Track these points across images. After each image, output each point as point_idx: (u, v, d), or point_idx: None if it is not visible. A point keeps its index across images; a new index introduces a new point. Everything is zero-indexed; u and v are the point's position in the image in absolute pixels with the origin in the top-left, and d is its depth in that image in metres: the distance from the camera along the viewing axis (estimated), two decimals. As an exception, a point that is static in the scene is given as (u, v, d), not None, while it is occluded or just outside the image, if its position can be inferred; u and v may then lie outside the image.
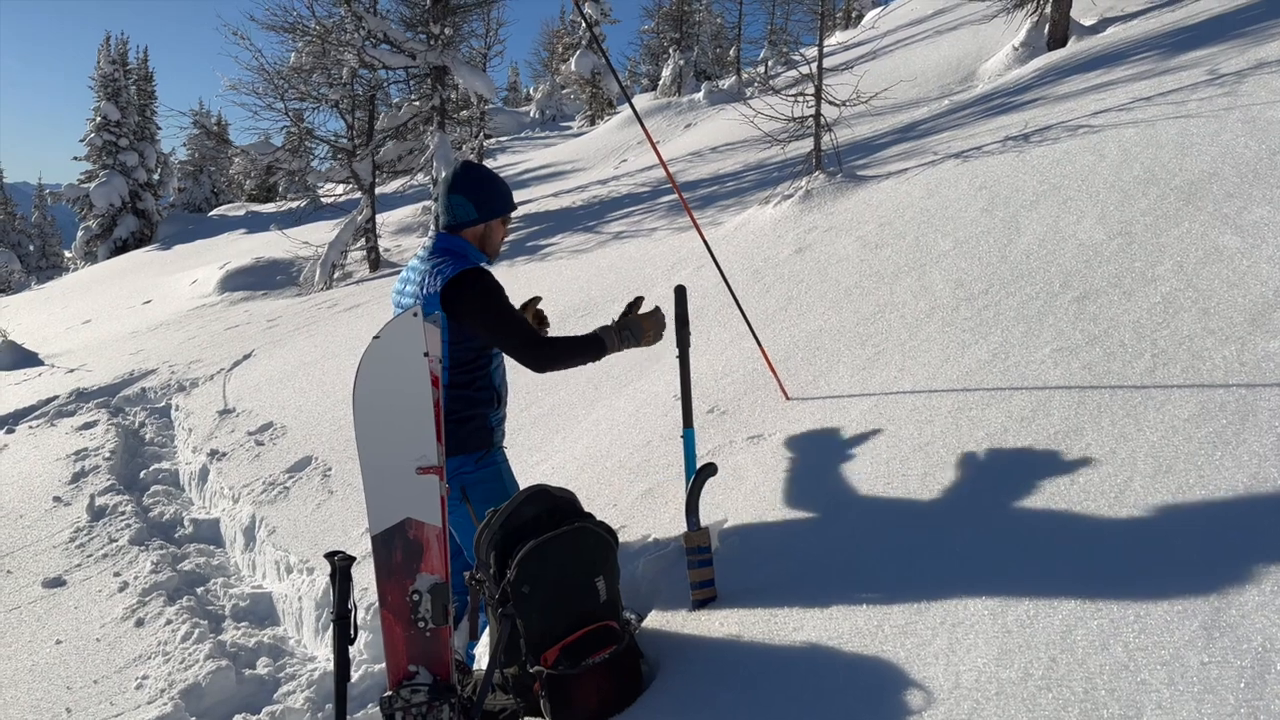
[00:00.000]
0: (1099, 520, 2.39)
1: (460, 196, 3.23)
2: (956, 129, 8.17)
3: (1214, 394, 2.73)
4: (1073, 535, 2.38)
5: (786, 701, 2.24)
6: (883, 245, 5.35)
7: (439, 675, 2.52)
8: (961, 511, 2.70)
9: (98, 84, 34.74)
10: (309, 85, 16.35)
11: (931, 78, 12.87)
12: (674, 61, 27.54)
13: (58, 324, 18.41)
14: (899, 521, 2.78)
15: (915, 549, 2.61)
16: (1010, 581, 2.29)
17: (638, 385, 5.04)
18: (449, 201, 3.25)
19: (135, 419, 8.69)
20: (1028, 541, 2.43)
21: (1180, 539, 2.21)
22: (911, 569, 2.52)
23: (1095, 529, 2.36)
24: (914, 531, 2.70)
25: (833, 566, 2.70)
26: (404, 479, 2.50)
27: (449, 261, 3.11)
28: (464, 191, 3.23)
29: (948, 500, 2.79)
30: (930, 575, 2.46)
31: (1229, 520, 2.21)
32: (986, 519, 2.61)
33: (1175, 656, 1.88)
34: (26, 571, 5.45)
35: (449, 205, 3.25)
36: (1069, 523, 2.44)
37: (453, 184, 3.25)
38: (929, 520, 2.72)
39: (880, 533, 2.77)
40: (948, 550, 2.53)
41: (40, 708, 3.93)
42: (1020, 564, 2.34)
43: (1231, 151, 4.37)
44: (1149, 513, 2.35)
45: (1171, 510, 2.33)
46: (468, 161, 3.38)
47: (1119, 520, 2.36)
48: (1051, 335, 3.48)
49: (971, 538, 2.55)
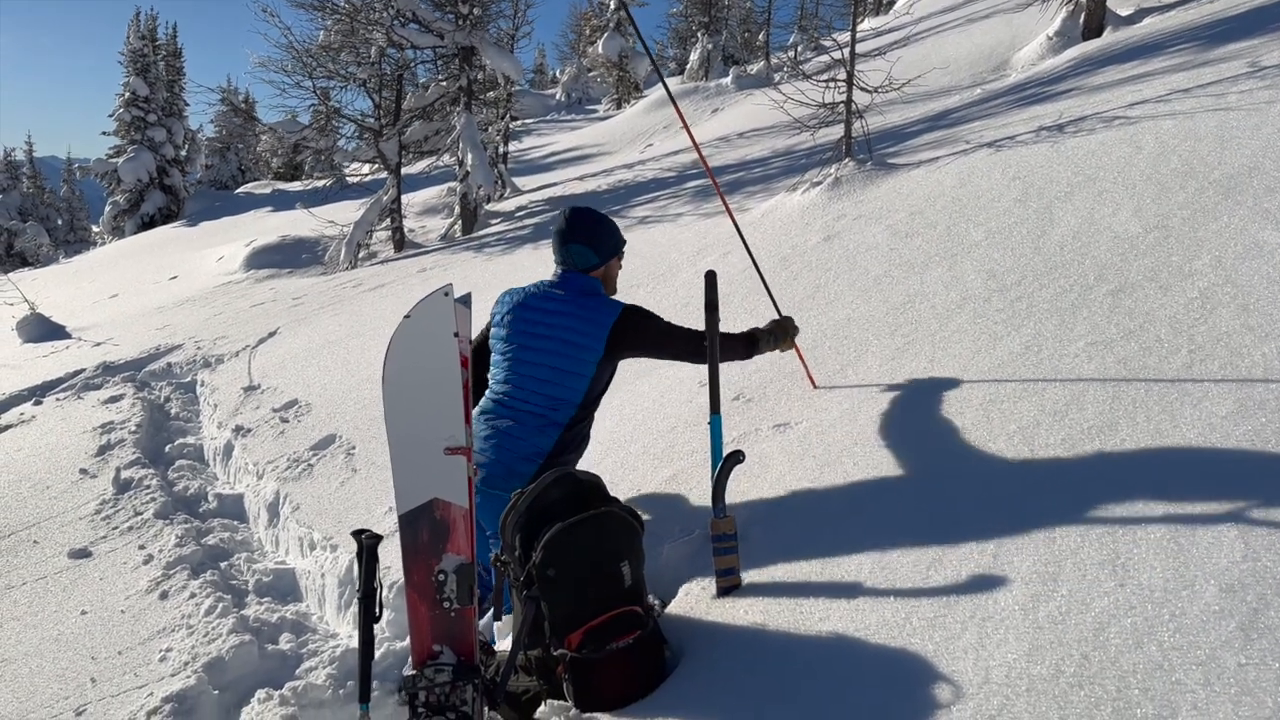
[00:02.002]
0: (1134, 518, 2.36)
1: (579, 246, 3.39)
2: (989, 118, 8.07)
3: (1253, 391, 2.68)
4: (1106, 532, 2.34)
5: (813, 690, 2.23)
6: (913, 234, 5.30)
7: (463, 656, 2.53)
8: (991, 505, 2.67)
9: (127, 59, 34.95)
10: (337, 64, 16.41)
11: (964, 65, 12.74)
12: (702, 46, 27.39)
13: (85, 298, 18.58)
14: (926, 513, 2.75)
15: (943, 541, 2.58)
16: (1041, 577, 2.26)
17: (663, 371, 5.02)
18: (569, 251, 3.40)
19: (161, 394, 8.76)
20: (1059, 537, 2.39)
21: (1217, 539, 2.17)
22: (940, 561, 2.49)
23: (1130, 527, 2.33)
24: (942, 524, 2.67)
25: (859, 557, 2.67)
26: (432, 459, 2.50)
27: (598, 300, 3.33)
28: (581, 240, 3.39)
29: (977, 493, 2.75)
30: (959, 569, 2.43)
31: (1269, 521, 2.17)
32: (1017, 513, 2.58)
33: (1211, 657, 1.85)
34: (53, 542, 5.50)
35: (569, 255, 3.40)
36: (1102, 519, 2.40)
37: (567, 234, 3.40)
38: (957, 512, 2.69)
39: (907, 524, 2.74)
40: (976, 544, 2.50)
41: (65, 677, 3.98)
42: (1051, 560, 2.31)
43: (1273, 145, 4.29)
44: (1185, 511, 2.31)
45: (1209, 509, 2.29)
46: (575, 208, 3.54)
47: (1154, 518, 2.32)
48: (1086, 329, 3.43)
49: (1000, 532, 2.52)
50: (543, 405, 3.24)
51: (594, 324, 3.23)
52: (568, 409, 3.24)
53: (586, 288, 3.35)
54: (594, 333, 3.22)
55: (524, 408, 3.25)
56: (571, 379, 3.24)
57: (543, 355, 3.28)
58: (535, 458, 3.19)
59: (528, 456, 3.19)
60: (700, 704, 2.41)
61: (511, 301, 3.46)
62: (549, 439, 3.22)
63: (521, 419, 3.24)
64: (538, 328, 3.32)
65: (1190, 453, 2.53)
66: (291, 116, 18.06)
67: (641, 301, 6.02)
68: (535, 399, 3.25)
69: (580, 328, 3.23)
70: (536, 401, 3.25)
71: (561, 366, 3.25)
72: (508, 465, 3.18)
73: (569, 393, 3.24)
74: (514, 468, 3.17)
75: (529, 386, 3.28)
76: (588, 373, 3.24)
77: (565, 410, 3.24)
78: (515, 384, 3.30)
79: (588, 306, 3.27)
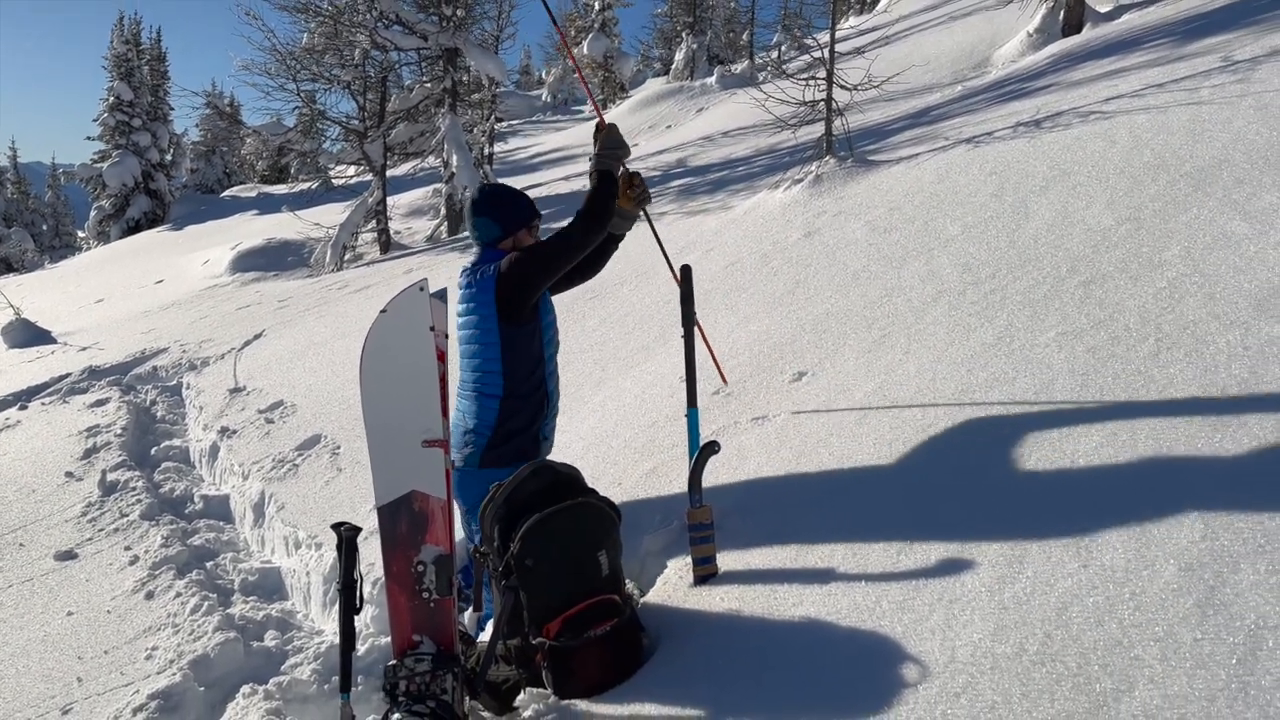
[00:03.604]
0: (1098, 501, 2.41)
1: (482, 219, 3.43)
2: (969, 114, 8.14)
3: (1216, 377, 2.74)
4: (1071, 516, 2.39)
5: (786, 674, 2.27)
6: (891, 229, 5.35)
7: (443, 645, 2.56)
8: (961, 491, 2.72)
9: (111, 64, 34.77)
10: (321, 66, 16.37)
11: (945, 63, 12.81)
12: (687, 45, 27.43)
13: (70, 303, 18.50)
14: (899, 500, 2.80)
15: (914, 528, 2.63)
16: (1007, 560, 2.31)
17: (644, 367, 5.07)
18: (473, 224, 3.45)
19: (147, 397, 8.76)
20: (1026, 521, 2.44)
21: (1178, 520, 2.22)
22: (910, 547, 2.54)
23: (1094, 510, 2.38)
24: (913, 510, 2.72)
25: (833, 544, 2.72)
26: (410, 452, 2.54)
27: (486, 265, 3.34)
28: (484, 213, 3.42)
29: (948, 480, 2.80)
30: (928, 553, 2.48)
31: (1227, 502, 2.22)
32: (986, 499, 2.63)
33: (1169, 633, 1.90)
34: (39, 545, 5.51)
35: (474, 227, 3.45)
36: (1068, 503, 2.45)
37: (474, 208, 3.45)
38: (929, 499, 2.74)
39: (880, 511, 2.79)
40: (946, 529, 2.55)
41: (52, 677, 3.99)
42: (1018, 543, 2.36)
43: (1243, 138, 4.36)
44: (1148, 494, 2.36)
45: (1170, 492, 2.34)
46: (483, 184, 3.64)
47: (1118, 501, 2.37)
48: (1057, 319, 3.49)
49: (970, 517, 2.57)
50: (476, 381, 3.35)
51: (484, 289, 3.29)
52: (494, 379, 3.30)
53: (487, 258, 3.39)
54: (485, 299, 3.28)
55: (467, 387, 3.38)
56: (486, 349, 3.31)
57: (461, 333, 3.39)
58: (483, 429, 3.30)
59: (475, 429, 3.31)
60: (676, 688, 2.45)
61: None
62: (490, 411, 3.31)
63: (467, 397, 3.37)
64: (459, 308, 3.42)
65: (1154, 438, 2.59)
66: (276, 119, 18.02)
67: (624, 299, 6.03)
68: (469, 376, 3.38)
69: (479, 297, 3.30)
70: (471, 379, 3.37)
71: (475, 339, 3.34)
72: (461, 439, 3.31)
73: (489, 363, 3.32)
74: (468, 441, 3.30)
75: (463, 365, 3.41)
76: (493, 340, 3.29)
77: (493, 381, 3.31)
78: (461, 368, 3.43)
79: (479, 273, 3.33)
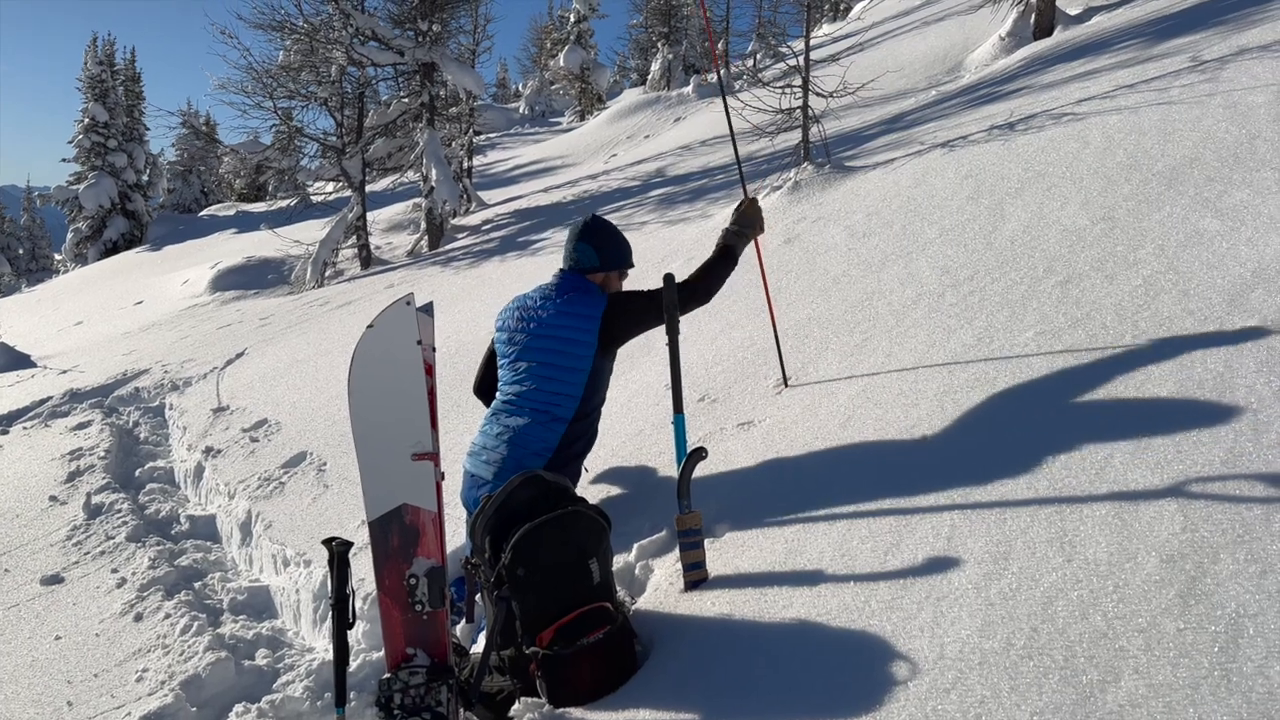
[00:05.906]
0: (1080, 496, 2.45)
1: (586, 245, 3.53)
2: (943, 119, 8.22)
3: (1192, 372, 2.79)
4: (1054, 512, 2.43)
5: (777, 676, 2.30)
6: (870, 234, 5.41)
7: (436, 657, 2.57)
8: (946, 491, 2.75)
9: (85, 85, 34.64)
10: (298, 83, 16.37)
11: (919, 69, 12.93)
12: (663, 56, 27.59)
13: (49, 326, 18.38)
14: (885, 501, 2.83)
15: (901, 527, 2.66)
16: (993, 556, 2.35)
17: (630, 375, 5.09)
18: (575, 247, 3.55)
19: (129, 418, 8.70)
20: (1011, 518, 2.48)
21: (1158, 513, 2.26)
22: (897, 546, 2.58)
23: (1077, 505, 2.42)
24: (900, 511, 2.75)
25: (821, 546, 2.75)
26: (400, 465, 2.55)
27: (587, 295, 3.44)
28: (589, 241, 3.53)
29: (933, 480, 2.84)
30: (915, 552, 2.51)
31: (1205, 494, 2.26)
32: (970, 497, 2.67)
33: (1152, 624, 1.94)
34: (24, 570, 5.47)
35: (574, 250, 3.56)
36: (1051, 500, 2.49)
37: (580, 232, 3.56)
38: (914, 499, 2.77)
39: (867, 513, 2.82)
40: (932, 528, 2.59)
41: (41, 702, 3.97)
42: (1002, 540, 2.40)
43: (1213, 136, 4.43)
44: (1128, 488, 2.40)
45: (1151, 486, 2.38)
46: (596, 215, 3.72)
47: (1099, 496, 2.42)
48: (1035, 319, 3.54)
49: (956, 516, 2.60)
50: (546, 402, 3.39)
51: (586, 319, 3.38)
52: (570, 404, 3.37)
53: (579, 285, 3.48)
54: (587, 327, 3.37)
55: (530, 405, 3.40)
56: (571, 374, 3.39)
57: (543, 354, 3.43)
58: (544, 452, 3.35)
59: (537, 452, 3.35)
60: (669, 694, 2.47)
61: (514, 306, 3.63)
62: (555, 434, 3.36)
63: (529, 416, 3.39)
64: (537, 327, 3.46)
65: (1133, 434, 2.63)
66: (253, 137, 17.98)
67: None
68: (539, 396, 3.40)
69: (574, 324, 3.38)
70: (540, 399, 3.40)
71: (560, 363, 3.40)
72: (518, 460, 3.32)
73: (570, 388, 3.39)
74: (524, 462, 3.31)
75: (533, 385, 3.42)
76: (585, 367, 3.38)
77: (568, 405, 3.38)
78: (521, 384, 3.45)
79: (578, 302, 3.42)
